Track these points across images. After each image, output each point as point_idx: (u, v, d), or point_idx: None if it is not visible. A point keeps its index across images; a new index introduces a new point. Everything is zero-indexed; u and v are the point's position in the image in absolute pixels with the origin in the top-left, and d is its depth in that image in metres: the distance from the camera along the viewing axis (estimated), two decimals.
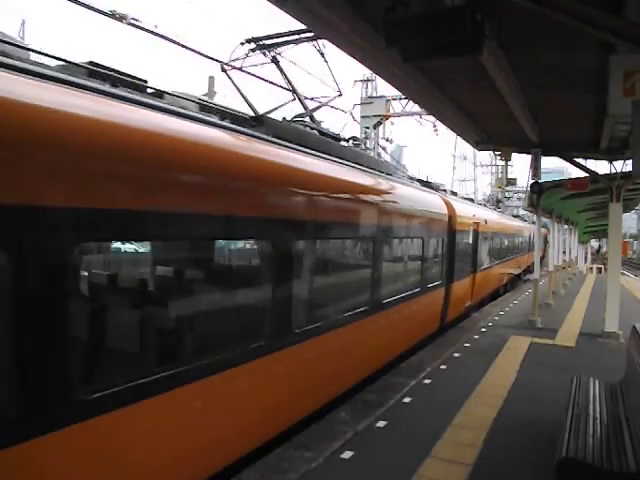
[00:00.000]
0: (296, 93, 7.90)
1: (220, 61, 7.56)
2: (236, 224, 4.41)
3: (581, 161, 11.74)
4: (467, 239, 13.49)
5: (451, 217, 11.43)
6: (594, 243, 52.98)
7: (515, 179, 41.78)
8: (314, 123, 7.88)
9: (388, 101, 20.00)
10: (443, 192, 13.54)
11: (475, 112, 9.30)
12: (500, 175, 41.88)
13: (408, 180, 11.17)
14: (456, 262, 11.89)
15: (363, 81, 22.87)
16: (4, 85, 2.92)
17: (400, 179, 9.86)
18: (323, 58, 9.05)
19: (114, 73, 4.42)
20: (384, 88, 22.16)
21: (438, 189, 13.12)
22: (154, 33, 7.98)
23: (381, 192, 7.93)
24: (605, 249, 43.73)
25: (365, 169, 7.66)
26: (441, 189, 13.84)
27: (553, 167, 34.96)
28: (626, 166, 10.77)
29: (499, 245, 19.49)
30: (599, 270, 31.85)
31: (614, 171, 11.21)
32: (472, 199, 22.52)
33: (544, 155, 11.12)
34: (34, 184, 2.87)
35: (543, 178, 12.21)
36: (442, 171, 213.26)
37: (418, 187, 10.93)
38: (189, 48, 8.42)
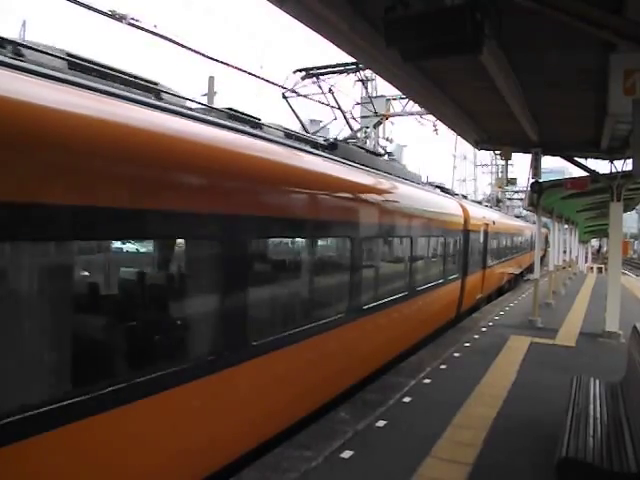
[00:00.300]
0: (344, 116, 10.13)
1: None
2: (333, 226, 6.27)
3: (581, 160, 11.73)
4: (478, 238, 14.98)
5: (466, 219, 13.15)
6: (594, 243, 52.94)
7: (515, 179, 41.73)
8: (359, 141, 9.95)
9: (388, 101, 19.92)
10: (458, 197, 15.22)
11: (475, 112, 9.29)
12: (500, 175, 41.83)
13: (431, 187, 13.06)
14: (470, 258, 13.53)
15: (362, 81, 22.83)
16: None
17: (425, 187, 11.80)
18: (364, 86, 12.33)
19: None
20: (384, 88, 22.12)
21: (454, 194, 15.05)
22: (154, 33, 7.98)
23: (417, 200, 9.69)
24: (605, 249, 43.70)
25: (404, 181, 9.48)
26: (455, 194, 15.55)
27: (553, 166, 34.93)
28: (626, 165, 10.75)
29: (505, 244, 20.95)
30: (599, 270, 31.83)
31: (614, 170, 11.21)
32: (480, 201, 24.04)
33: (544, 154, 11.12)
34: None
35: (543, 178, 12.20)
36: (442, 171, 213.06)
37: (439, 193, 12.78)
38: (189, 48, 8.43)
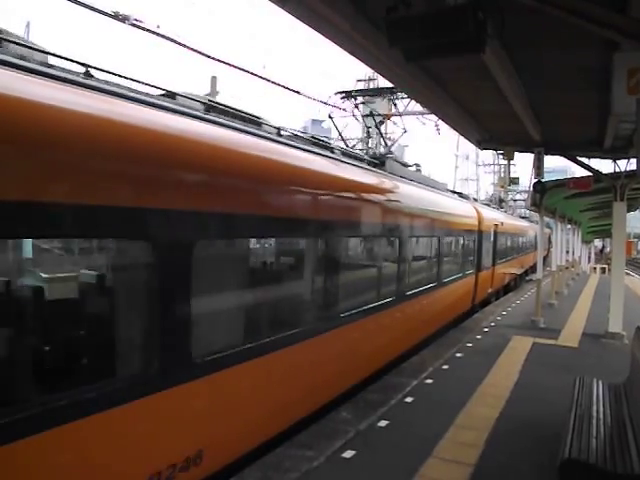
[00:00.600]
0: (381, 134, 12.61)
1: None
2: (387, 230, 7.92)
3: (584, 160, 11.69)
4: (489, 238, 16.41)
5: (480, 221, 14.80)
6: (597, 243, 52.75)
7: (518, 178, 41.62)
8: (393, 154, 11.26)
9: (390, 100, 19.90)
10: (470, 200, 16.90)
11: (478, 111, 9.27)
12: (503, 174, 41.73)
13: (450, 192, 14.47)
14: (482, 256, 15.04)
15: (365, 80, 22.84)
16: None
17: (446, 192, 13.28)
18: (393, 103, 13.96)
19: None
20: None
21: (468, 198, 17.08)
22: (156, 33, 7.99)
23: (446, 207, 11.42)
24: (609, 249, 43.58)
25: (434, 189, 11.20)
26: (467, 197, 17.35)
27: (556, 166, 34.85)
28: (630, 165, 10.68)
29: (511, 243, 22.33)
30: (603, 270, 31.68)
31: (618, 170, 11.17)
32: (488, 204, 25.32)
33: (547, 154, 11.08)
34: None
35: (546, 177, 12.18)
36: (444, 170, 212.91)
37: (457, 198, 14.45)
38: (191, 48, 8.43)
